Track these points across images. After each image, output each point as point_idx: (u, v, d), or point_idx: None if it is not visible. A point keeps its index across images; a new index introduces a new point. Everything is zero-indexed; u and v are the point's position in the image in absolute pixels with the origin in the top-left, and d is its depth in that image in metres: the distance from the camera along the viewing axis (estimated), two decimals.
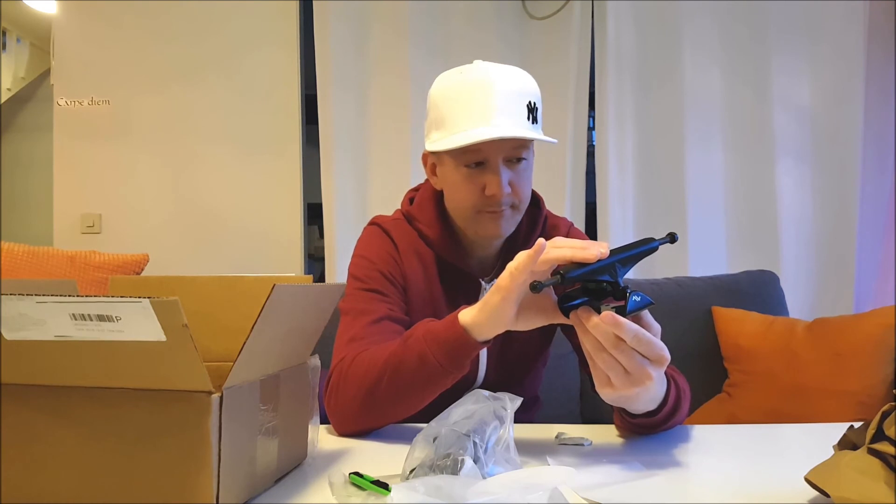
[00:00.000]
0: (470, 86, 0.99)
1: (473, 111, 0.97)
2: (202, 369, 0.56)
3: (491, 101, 0.96)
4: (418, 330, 0.90)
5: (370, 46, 2.62)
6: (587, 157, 2.66)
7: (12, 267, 2.06)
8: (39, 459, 0.60)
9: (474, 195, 1.02)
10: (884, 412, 0.59)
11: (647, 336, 0.71)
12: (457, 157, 1.01)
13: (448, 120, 0.99)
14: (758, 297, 2.04)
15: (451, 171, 1.04)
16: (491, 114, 0.96)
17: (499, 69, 1.00)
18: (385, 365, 0.91)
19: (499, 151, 0.99)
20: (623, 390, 0.73)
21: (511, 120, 0.97)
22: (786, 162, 2.55)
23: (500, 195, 1.00)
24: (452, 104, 0.99)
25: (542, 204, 1.17)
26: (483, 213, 1.03)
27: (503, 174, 1.00)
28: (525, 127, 0.98)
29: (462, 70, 1.02)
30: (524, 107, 0.98)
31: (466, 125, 0.97)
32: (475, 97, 0.97)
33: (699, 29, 2.56)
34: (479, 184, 1.01)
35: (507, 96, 0.97)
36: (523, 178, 1.03)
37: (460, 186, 1.03)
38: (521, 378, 1.17)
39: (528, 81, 1.01)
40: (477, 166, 1.01)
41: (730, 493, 0.71)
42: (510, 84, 0.98)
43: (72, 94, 2.75)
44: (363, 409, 0.93)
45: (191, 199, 2.76)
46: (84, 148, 2.76)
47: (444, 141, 0.99)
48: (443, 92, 1.02)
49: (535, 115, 1.00)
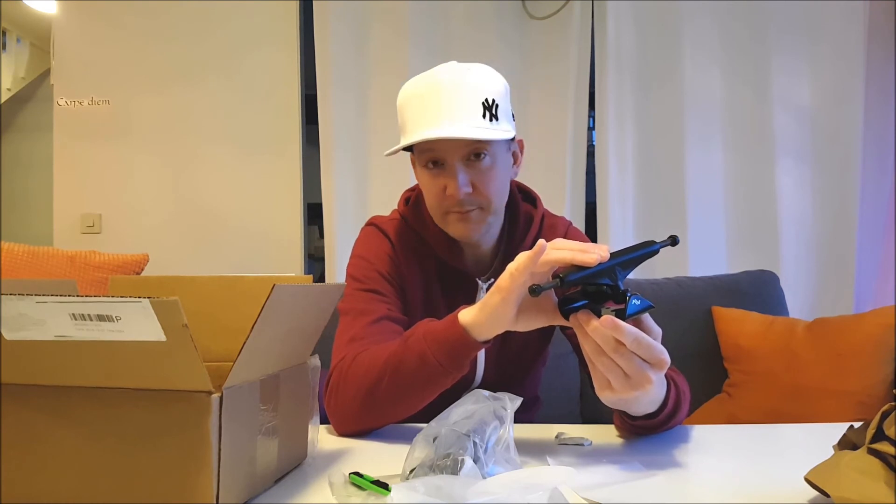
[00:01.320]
0: (424, 89, 1.00)
1: (424, 113, 0.98)
2: (202, 369, 0.56)
3: (439, 101, 0.97)
4: (418, 330, 0.90)
5: (370, 46, 2.62)
6: (587, 157, 2.66)
7: (12, 267, 2.06)
8: (39, 459, 0.60)
9: (437, 196, 1.03)
10: (884, 412, 0.59)
11: (647, 340, 0.70)
12: (419, 158, 1.04)
13: (407, 124, 1.02)
14: (758, 297, 2.04)
15: (419, 173, 1.07)
16: (439, 114, 0.97)
17: (453, 69, 1.00)
18: (385, 365, 0.91)
19: (453, 151, 1.00)
20: (623, 394, 0.73)
21: (460, 120, 0.97)
22: (786, 162, 2.55)
23: (458, 195, 1.00)
24: (409, 108, 1.01)
25: (539, 203, 1.16)
26: (450, 214, 1.04)
27: (460, 174, 1.00)
28: (478, 126, 0.97)
29: (423, 74, 1.03)
30: (478, 105, 0.98)
31: (418, 127, 0.98)
32: (426, 99, 0.99)
33: (699, 29, 2.56)
34: (441, 184, 1.02)
35: (456, 97, 0.97)
36: (487, 177, 1.02)
37: (426, 187, 1.06)
38: (521, 378, 1.17)
39: (487, 79, 1.01)
40: (436, 166, 1.02)
41: (730, 493, 0.71)
42: (463, 84, 0.98)
43: (72, 94, 2.75)
44: (363, 408, 0.93)
45: (191, 199, 2.76)
46: (84, 148, 2.76)
47: (400, 143, 1.02)
48: (402, 97, 1.04)
49: (493, 113, 0.99)
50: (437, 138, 0.96)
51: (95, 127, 2.75)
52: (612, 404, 0.80)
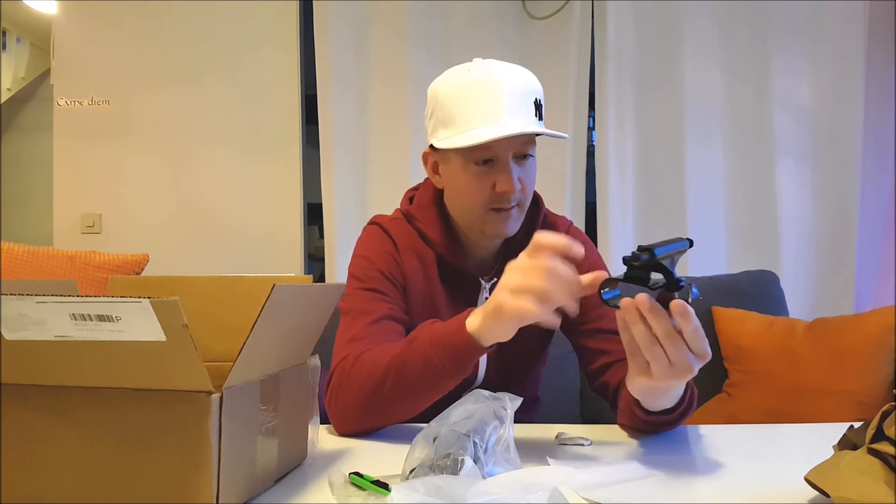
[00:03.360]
0: (477, 84, 1.00)
1: (483, 109, 0.98)
2: (202, 369, 0.56)
3: (500, 98, 0.97)
4: (423, 333, 0.90)
5: (370, 46, 2.62)
6: (587, 157, 2.66)
7: (12, 267, 2.06)
8: (39, 459, 0.60)
9: (484, 193, 1.02)
10: (884, 412, 0.59)
11: (702, 331, 0.71)
12: (465, 155, 1.01)
13: (457, 118, 1.00)
14: (758, 297, 2.04)
15: (458, 170, 1.04)
16: (501, 111, 0.97)
17: (504, 67, 1.01)
18: (388, 366, 0.90)
19: (509, 148, 1.00)
20: (662, 381, 0.73)
21: (520, 117, 0.98)
22: (786, 162, 2.55)
23: (512, 191, 1.01)
24: (460, 103, 1.00)
25: (541, 203, 1.17)
26: (491, 212, 1.03)
27: (514, 171, 1.01)
28: (533, 124, 1.00)
29: (467, 68, 1.03)
30: (531, 104, 1.00)
31: (476, 123, 0.98)
32: (483, 95, 0.98)
33: (699, 29, 2.56)
34: (489, 181, 1.01)
35: (514, 94, 0.98)
36: (530, 175, 1.05)
37: (469, 184, 1.03)
38: (521, 378, 1.17)
39: (532, 79, 1.03)
40: (486, 164, 1.01)
41: (730, 493, 0.71)
42: (517, 82, 1.00)
43: (72, 94, 2.75)
44: (365, 409, 0.93)
45: (191, 199, 2.76)
46: (84, 148, 2.75)
47: (455, 139, 0.99)
48: (449, 90, 1.02)
49: (540, 113, 1.02)
50: (511, 135, 0.96)
51: (95, 127, 2.75)
52: (639, 393, 0.80)
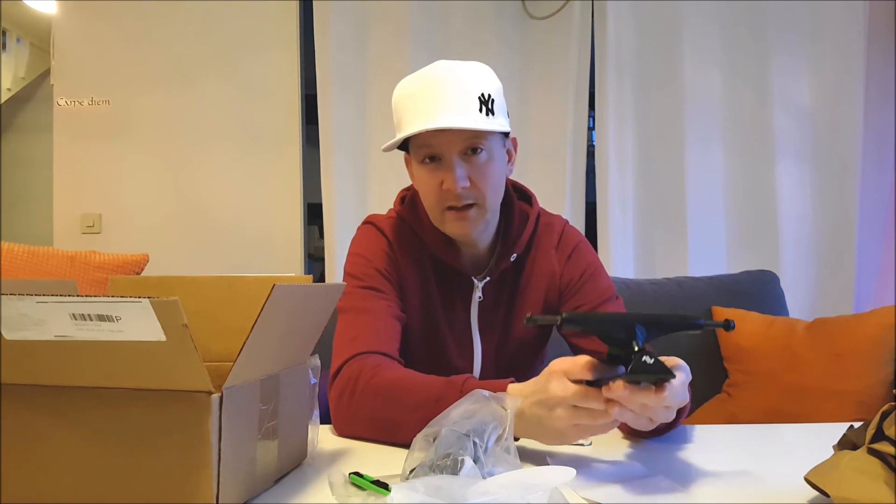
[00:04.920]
0: (419, 85, 1.01)
1: (420, 108, 0.99)
2: (202, 369, 0.56)
3: (437, 95, 0.98)
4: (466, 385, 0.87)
5: (370, 46, 2.62)
6: (587, 157, 2.66)
7: (12, 267, 2.06)
8: (39, 459, 0.60)
9: (434, 191, 1.03)
10: (884, 412, 0.59)
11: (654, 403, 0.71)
12: (415, 153, 1.04)
13: (403, 120, 1.02)
14: (758, 297, 2.04)
15: (415, 169, 1.07)
16: (436, 109, 0.97)
17: (449, 67, 1.01)
18: (416, 407, 0.86)
19: (451, 146, 1.00)
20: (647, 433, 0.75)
21: (458, 113, 0.97)
22: (786, 162, 2.55)
23: (455, 189, 1.00)
24: (405, 104, 1.02)
25: (534, 201, 1.16)
26: (447, 213, 1.03)
27: (457, 168, 1.00)
28: (475, 119, 0.98)
29: (418, 72, 1.03)
30: (474, 99, 0.98)
31: (415, 122, 0.98)
32: (423, 94, 0.99)
33: (699, 29, 2.56)
34: (438, 179, 1.02)
35: (453, 91, 0.98)
36: (484, 172, 1.02)
37: (423, 183, 1.05)
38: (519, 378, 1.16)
39: (480, 75, 1.02)
40: (432, 161, 1.02)
41: (730, 493, 0.71)
42: (458, 79, 0.99)
43: (72, 94, 2.75)
44: (378, 431, 0.92)
45: (191, 199, 2.76)
46: (84, 148, 2.75)
47: (394, 139, 1.02)
48: (398, 94, 1.04)
49: (490, 108, 0.99)
50: (436, 129, 0.96)
51: (95, 127, 2.75)
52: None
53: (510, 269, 1.12)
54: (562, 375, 0.75)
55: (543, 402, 0.75)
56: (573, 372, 0.74)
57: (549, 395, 0.75)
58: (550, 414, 0.75)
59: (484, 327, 1.12)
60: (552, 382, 0.75)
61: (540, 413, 0.76)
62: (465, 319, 1.12)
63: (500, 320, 1.13)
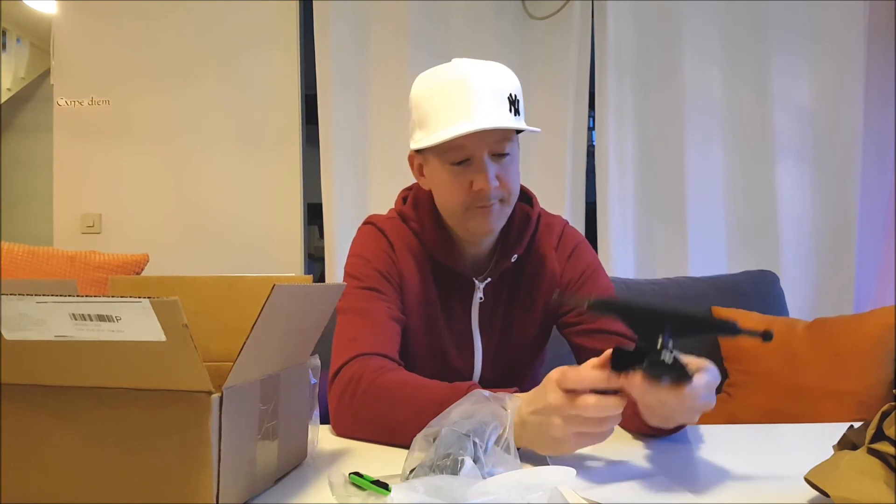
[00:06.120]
0: (449, 83, 0.99)
1: (454, 107, 0.97)
2: (202, 369, 0.56)
3: (470, 96, 0.97)
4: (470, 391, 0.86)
5: (370, 46, 2.62)
6: (587, 157, 2.66)
7: (12, 267, 2.06)
8: (39, 459, 0.60)
9: (462, 192, 1.02)
10: (884, 412, 0.59)
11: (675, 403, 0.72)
12: (441, 155, 1.01)
13: (430, 118, 1.00)
14: (758, 297, 2.04)
15: (437, 170, 1.04)
16: (471, 109, 0.97)
17: (476, 65, 1.01)
18: (419, 411, 0.85)
19: (482, 146, 0.99)
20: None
21: (492, 113, 0.97)
22: (786, 162, 2.55)
23: (489, 190, 1.00)
24: (433, 103, 1.00)
25: (535, 202, 1.16)
26: (472, 210, 1.03)
27: (489, 168, 1.00)
28: (507, 119, 0.98)
29: (441, 68, 1.02)
30: (504, 100, 0.99)
31: (448, 122, 0.97)
32: (455, 94, 0.98)
33: (699, 29, 2.56)
34: (466, 181, 1.01)
35: (485, 91, 0.98)
36: (510, 170, 1.03)
37: (448, 185, 1.03)
38: (519, 378, 1.17)
39: (506, 75, 1.02)
40: (462, 163, 1.01)
41: (730, 493, 0.71)
42: (488, 79, 0.99)
43: (72, 94, 2.75)
44: (378, 432, 0.92)
45: (191, 199, 2.76)
46: (84, 148, 2.75)
47: (427, 139, 0.99)
48: (423, 91, 1.02)
49: (516, 108, 1.00)
50: (479, 129, 0.95)
51: (95, 127, 2.75)
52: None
53: (510, 270, 1.12)
54: (556, 385, 0.75)
55: (540, 410, 0.76)
56: (565, 381, 0.74)
57: (545, 404, 0.75)
58: (548, 422, 0.75)
59: (484, 328, 1.12)
60: (549, 392, 0.75)
61: (538, 421, 0.76)
62: (465, 320, 1.12)
63: (500, 321, 1.13)
